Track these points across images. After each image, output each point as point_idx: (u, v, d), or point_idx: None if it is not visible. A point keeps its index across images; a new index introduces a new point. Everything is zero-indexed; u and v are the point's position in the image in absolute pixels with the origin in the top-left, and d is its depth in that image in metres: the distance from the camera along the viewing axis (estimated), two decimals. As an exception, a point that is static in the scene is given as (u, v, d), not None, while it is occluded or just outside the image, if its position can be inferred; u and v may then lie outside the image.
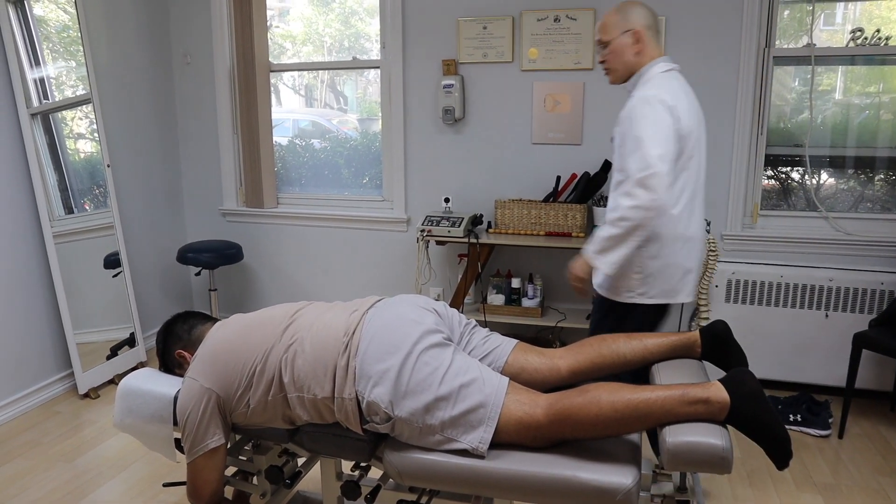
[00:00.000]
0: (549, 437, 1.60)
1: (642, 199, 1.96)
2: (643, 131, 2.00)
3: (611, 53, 2.18)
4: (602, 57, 2.22)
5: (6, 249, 3.02)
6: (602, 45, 2.19)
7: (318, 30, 4.04)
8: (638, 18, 2.14)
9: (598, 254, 2.09)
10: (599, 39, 2.20)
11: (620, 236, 2.03)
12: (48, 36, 3.25)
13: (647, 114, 2.02)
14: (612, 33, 2.16)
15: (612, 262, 2.07)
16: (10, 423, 3.03)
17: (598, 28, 2.20)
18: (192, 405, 1.75)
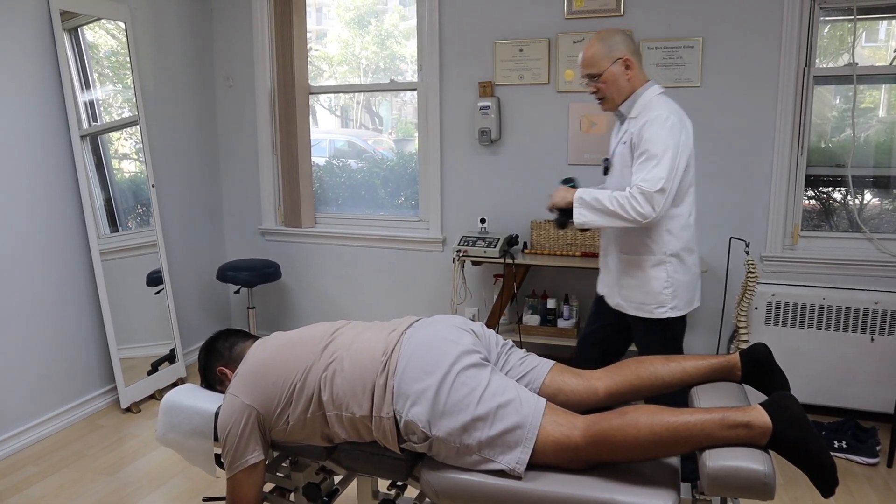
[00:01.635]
0: (587, 459, 1.59)
1: (644, 209, 2.14)
2: (658, 149, 2.15)
3: (604, 83, 2.27)
4: (594, 87, 2.30)
5: (56, 265, 3.13)
6: (592, 77, 2.28)
7: (355, 52, 4.12)
8: (622, 46, 2.26)
9: (584, 205, 2.24)
10: (589, 73, 2.28)
11: (611, 213, 2.19)
12: (98, 60, 3.38)
13: (661, 134, 2.16)
14: (602, 64, 2.25)
15: (586, 219, 2.25)
16: (57, 434, 3.12)
17: (584, 62, 2.28)
18: (232, 421, 1.79)
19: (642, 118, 2.22)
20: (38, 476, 2.74)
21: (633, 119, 2.27)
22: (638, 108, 2.28)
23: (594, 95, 2.34)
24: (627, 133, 2.27)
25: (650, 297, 2.32)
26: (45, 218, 3.07)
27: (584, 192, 2.26)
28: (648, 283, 2.32)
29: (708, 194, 3.28)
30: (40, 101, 3.03)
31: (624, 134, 2.30)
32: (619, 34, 2.28)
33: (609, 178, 2.43)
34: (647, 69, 3.24)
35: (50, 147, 3.09)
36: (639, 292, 2.33)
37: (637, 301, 2.34)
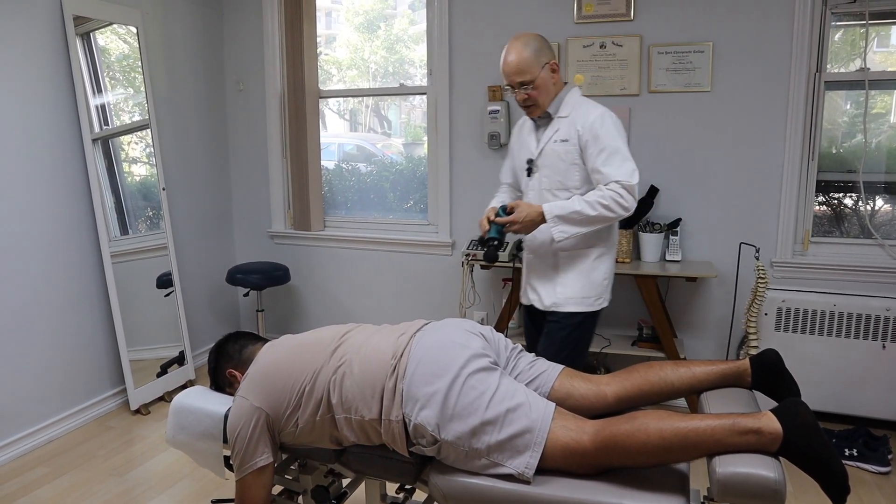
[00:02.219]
0: (596, 464, 1.59)
1: (628, 202, 2.20)
2: (618, 143, 2.23)
3: (536, 90, 2.27)
4: (525, 95, 2.28)
5: (67, 268, 3.15)
6: (524, 85, 2.26)
7: (364, 56, 4.14)
8: (548, 51, 2.29)
9: (559, 219, 2.23)
10: (521, 81, 2.26)
11: (589, 218, 2.22)
12: (109, 65, 3.40)
13: (612, 128, 2.25)
14: (533, 71, 2.25)
15: (564, 232, 2.24)
16: (67, 435, 3.13)
17: (513, 70, 2.26)
18: (242, 423, 1.79)
19: (581, 116, 2.28)
20: (49, 477, 2.76)
21: (565, 118, 2.31)
22: (567, 108, 2.33)
23: (523, 103, 2.33)
24: (563, 131, 2.31)
25: (592, 290, 2.38)
26: (56, 221, 3.09)
27: (554, 207, 2.25)
28: (592, 274, 2.37)
29: (717, 199, 3.27)
30: (53, 105, 3.06)
31: (556, 133, 2.33)
32: (539, 38, 2.30)
33: (536, 178, 2.40)
34: (656, 74, 3.26)
35: (62, 150, 3.11)
36: (581, 286, 2.37)
37: (578, 296, 2.37)
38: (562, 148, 2.31)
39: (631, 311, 3.47)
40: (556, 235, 2.25)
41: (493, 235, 2.32)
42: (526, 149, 2.45)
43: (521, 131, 2.54)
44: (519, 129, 2.56)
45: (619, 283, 3.45)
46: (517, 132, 2.57)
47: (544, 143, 2.37)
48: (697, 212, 3.31)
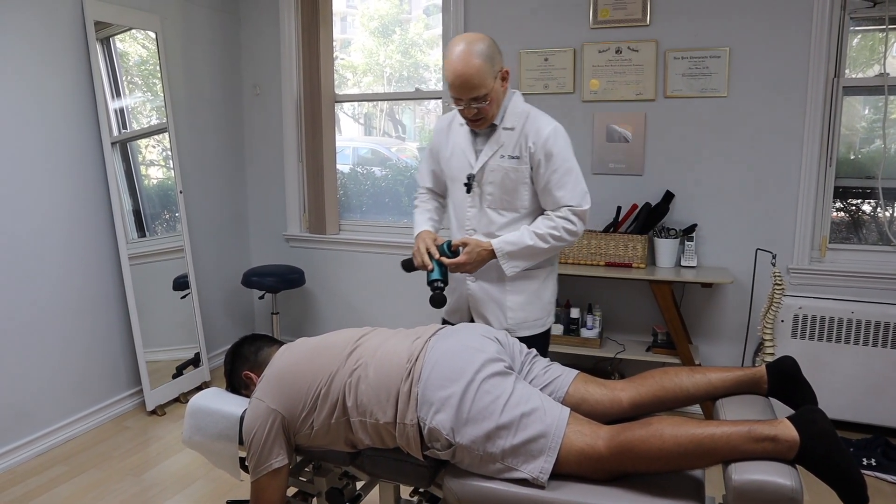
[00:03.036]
0: (611, 469, 1.58)
1: (579, 229, 2.10)
2: (572, 163, 2.11)
3: (490, 103, 2.02)
4: (475, 110, 2.02)
5: (86, 270, 3.19)
6: (477, 101, 2.00)
7: (379, 60, 4.16)
8: (499, 56, 2.03)
9: (509, 256, 2.10)
10: (475, 96, 1.98)
11: (542, 251, 2.10)
12: (128, 69, 3.45)
13: (566, 146, 2.11)
14: (487, 84, 1.97)
15: (517, 267, 2.12)
16: (84, 435, 3.17)
17: (466, 86, 1.96)
18: (257, 425, 1.80)
19: (532, 130, 2.08)
20: (67, 475, 2.79)
21: (511, 130, 2.10)
22: (513, 118, 2.10)
23: (471, 117, 2.06)
24: (511, 146, 2.09)
25: (541, 310, 2.26)
26: (76, 223, 3.14)
27: (504, 244, 2.09)
28: (542, 295, 2.25)
29: (734, 205, 3.25)
30: (74, 109, 3.11)
31: (501, 147, 2.10)
32: (489, 40, 2.01)
33: (476, 195, 2.17)
34: (672, 79, 3.25)
35: (82, 153, 3.16)
36: (532, 308, 2.22)
37: (531, 319, 2.23)
38: (511, 165, 2.09)
39: (645, 317, 3.46)
40: (507, 272, 2.12)
41: (437, 277, 2.08)
42: (461, 158, 2.18)
43: (449, 132, 2.24)
44: (446, 129, 2.25)
45: (633, 289, 3.46)
46: (444, 131, 2.26)
47: (487, 158, 2.12)
48: (713, 217, 3.29)
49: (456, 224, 2.28)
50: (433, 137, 2.34)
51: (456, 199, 2.25)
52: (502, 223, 2.16)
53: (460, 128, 2.20)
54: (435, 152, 2.32)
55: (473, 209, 2.19)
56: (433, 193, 2.41)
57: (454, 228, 2.29)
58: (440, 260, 2.10)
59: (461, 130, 2.20)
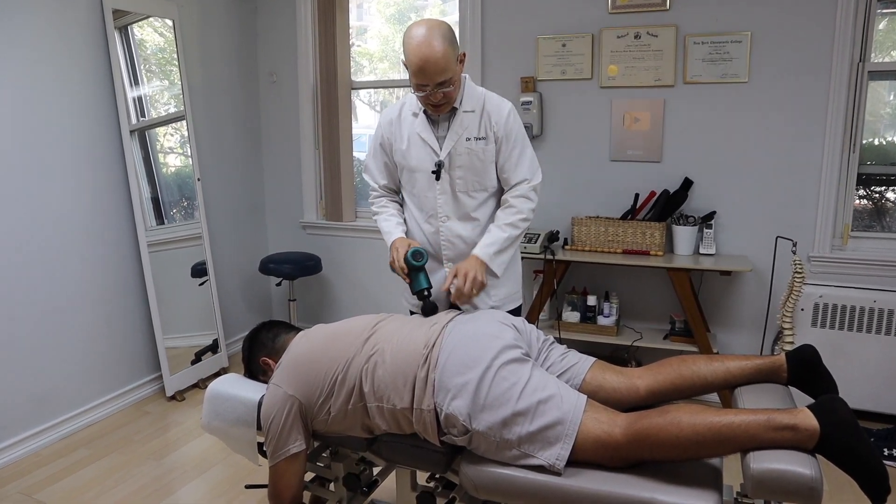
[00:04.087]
0: (627, 457, 1.58)
1: (536, 202, 2.16)
2: (525, 140, 2.17)
3: (453, 87, 2.01)
4: (441, 94, 2.00)
5: (106, 257, 3.23)
6: (442, 85, 1.97)
7: (395, 47, 4.14)
8: (456, 40, 2.00)
9: (495, 255, 2.10)
10: (441, 81, 1.95)
11: (517, 236, 2.15)
12: (146, 58, 3.46)
13: (520, 123, 2.16)
14: (452, 68, 1.96)
15: (504, 262, 2.14)
16: (107, 419, 3.22)
17: (436, 70, 1.92)
18: (275, 411, 1.82)
19: (494, 110, 2.10)
20: (90, 459, 2.84)
21: (470, 113, 2.10)
22: (471, 101, 2.11)
23: (436, 102, 2.03)
24: (474, 128, 2.10)
25: (517, 283, 2.34)
26: (96, 211, 3.17)
27: (487, 249, 2.07)
28: (515, 268, 2.32)
29: (753, 192, 3.21)
30: (93, 97, 3.13)
31: (465, 130, 2.10)
32: (447, 24, 1.98)
33: (446, 181, 2.14)
34: (692, 65, 3.20)
35: (101, 142, 3.18)
36: (510, 283, 2.29)
37: (510, 294, 2.30)
38: (478, 147, 2.10)
39: (663, 305, 3.44)
40: (498, 271, 2.11)
41: (424, 286, 2.07)
42: (422, 148, 2.15)
43: (400, 124, 2.19)
44: (396, 121, 2.21)
45: (651, 277, 3.43)
46: (393, 123, 2.21)
47: (454, 143, 2.11)
48: (733, 205, 3.25)
49: (421, 214, 2.23)
50: (378, 132, 2.27)
51: (419, 188, 2.20)
52: (474, 205, 2.18)
53: (413, 118, 2.17)
54: (386, 146, 2.25)
55: (444, 196, 2.16)
56: (388, 192, 2.35)
57: (419, 218, 2.24)
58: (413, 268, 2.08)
59: (415, 120, 2.16)
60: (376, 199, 2.35)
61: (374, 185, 2.35)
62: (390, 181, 2.32)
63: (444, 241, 2.21)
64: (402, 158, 2.21)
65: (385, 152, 2.27)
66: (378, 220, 2.32)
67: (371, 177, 2.35)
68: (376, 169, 2.32)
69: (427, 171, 2.15)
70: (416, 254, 2.08)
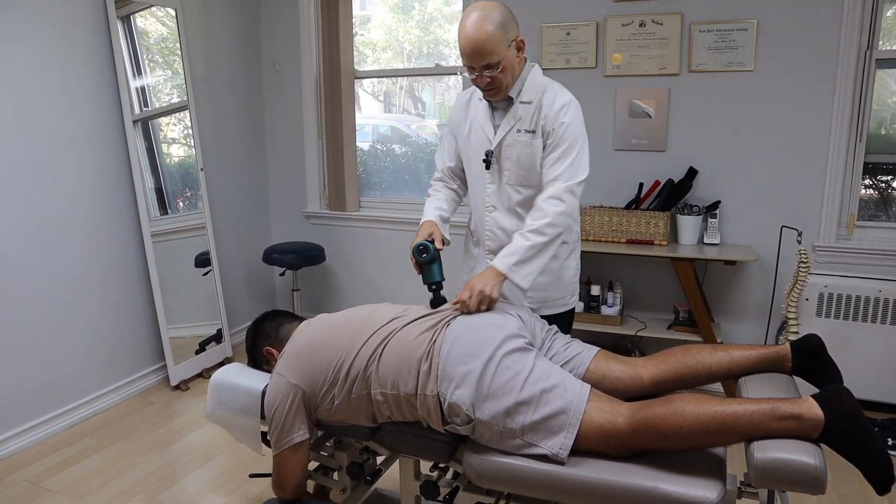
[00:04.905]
0: (631, 446, 1.58)
1: (570, 204, 1.98)
2: (578, 139, 2.01)
3: (502, 72, 1.94)
4: (488, 79, 1.95)
5: (110, 247, 3.23)
6: (488, 68, 1.93)
7: (398, 37, 4.12)
8: (514, 25, 1.96)
9: (516, 266, 1.93)
10: (486, 63, 1.91)
11: (545, 244, 1.96)
12: (149, 47, 3.45)
13: (577, 120, 2.03)
14: (499, 51, 1.90)
15: (530, 274, 1.95)
16: (112, 409, 3.24)
17: (478, 50, 1.89)
18: (279, 400, 1.82)
19: (547, 104, 2.02)
20: (95, 448, 2.86)
21: (528, 104, 2.04)
22: (531, 92, 2.05)
23: (484, 87, 2.00)
24: (528, 120, 2.04)
25: (564, 290, 2.22)
26: (99, 200, 3.17)
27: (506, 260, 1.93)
28: (563, 274, 2.20)
29: (759, 181, 3.19)
30: (96, 87, 3.12)
31: (518, 121, 2.05)
32: (504, 9, 1.94)
33: (495, 172, 2.12)
34: (697, 53, 3.18)
35: (104, 132, 3.18)
36: (554, 288, 2.19)
37: (552, 299, 2.20)
38: (527, 139, 2.05)
39: (666, 295, 3.43)
40: (524, 284, 1.95)
41: (436, 279, 2.02)
42: (480, 134, 2.13)
43: (468, 109, 2.19)
44: (465, 105, 2.20)
45: (655, 266, 3.42)
46: (462, 108, 2.21)
47: (505, 133, 2.07)
48: (737, 194, 3.24)
49: (475, 202, 2.24)
50: (452, 114, 2.27)
51: (474, 176, 2.20)
52: (520, 199, 2.12)
53: (479, 103, 2.14)
54: (452, 127, 2.26)
55: (493, 185, 2.14)
56: (450, 177, 2.32)
57: (472, 205, 2.26)
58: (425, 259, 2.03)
59: (480, 105, 2.14)
60: (434, 183, 2.34)
61: (439, 166, 2.33)
62: (457, 164, 2.29)
63: (488, 230, 2.20)
64: (464, 143, 2.20)
65: (454, 136, 2.27)
66: (425, 202, 2.29)
67: (440, 157, 2.34)
68: (445, 150, 2.31)
69: (479, 159, 2.14)
70: (419, 248, 2.03)
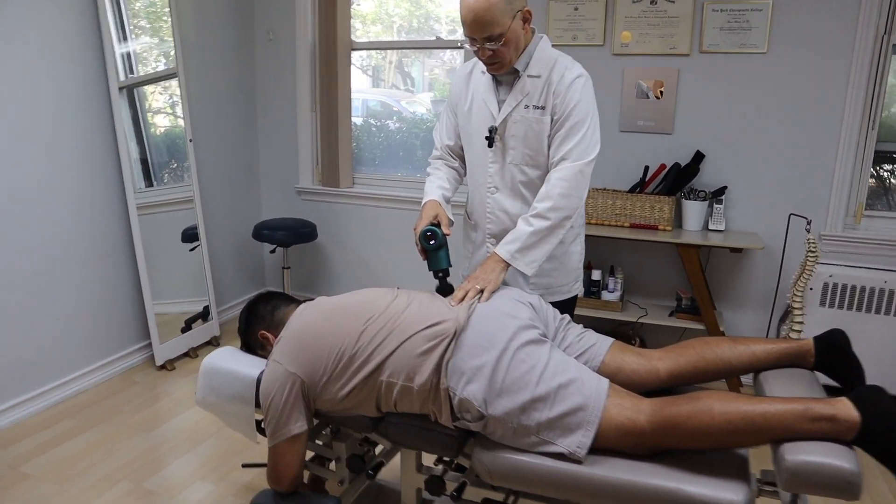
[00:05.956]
0: (651, 445, 1.50)
1: (579, 186, 1.88)
2: (588, 115, 1.90)
3: (505, 45, 1.82)
4: (490, 52, 1.83)
5: (94, 220, 3.08)
6: (491, 40, 1.80)
7: (388, 10, 3.97)
8: None
9: (519, 253, 1.85)
10: (488, 35, 1.78)
11: (549, 228, 1.86)
12: (136, 12, 3.27)
13: (587, 96, 1.91)
14: (503, 22, 1.77)
15: (535, 260, 1.87)
16: (94, 388, 3.10)
17: (480, 21, 1.76)
18: (275, 389, 1.72)
19: (556, 78, 1.89)
20: (77, 430, 2.73)
21: (536, 78, 1.91)
22: (539, 65, 1.92)
23: (487, 60, 1.87)
24: (535, 95, 1.91)
25: (568, 275, 2.12)
26: (83, 170, 3.01)
27: (508, 247, 1.86)
28: (568, 260, 2.09)
29: (766, 168, 3.11)
30: (80, 52, 2.94)
31: (526, 96, 1.92)
32: None
33: (499, 150, 1.99)
34: (709, 33, 3.07)
35: (89, 99, 3.01)
36: (557, 274, 2.08)
37: (556, 285, 2.09)
38: (535, 116, 1.92)
39: (669, 281, 3.36)
40: (529, 271, 1.87)
41: (443, 266, 1.91)
42: (482, 109, 2.00)
43: (468, 82, 2.05)
44: (466, 78, 2.07)
45: (658, 252, 3.34)
46: (463, 81, 2.07)
47: (511, 108, 1.95)
48: (744, 180, 3.15)
49: (475, 183, 2.10)
50: (451, 88, 2.13)
51: (475, 154, 2.06)
52: (525, 180, 1.99)
53: (482, 76, 2.01)
54: (454, 104, 2.12)
55: (495, 165, 2.01)
56: (449, 156, 2.19)
57: (473, 186, 2.12)
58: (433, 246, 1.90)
59: (482, 79, 2.00)
60: (433, 161, 2.21)
61: (437, 143, 2.20)
62: (456, 143, 2.17)
63: (490, 213, 2.06)
64: (464, 119, 2.07)
65: (453, 111, 2.13)
66: (426, 179, 2.16)
67: (438, 134, 2.20)
68: (444, 127, 2.18)
69: (481, 136, 2.00)
70: (426, 234, 1.90)
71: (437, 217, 1.97)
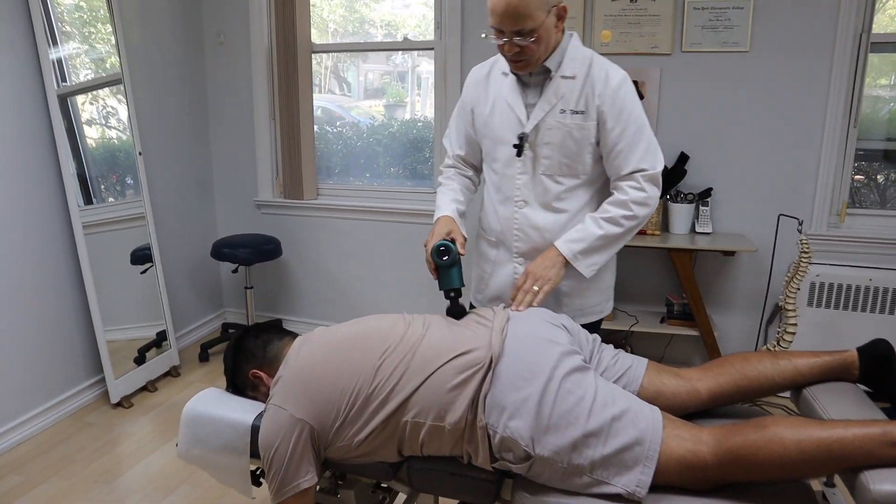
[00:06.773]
0: (717, 479, 1.35)
1: (651, 196, 1.75)
2: (643, 119, 1.76)
3: (537, 41, 1.65)
4: (518, 48, 1.66)
5: (35, 241, 2.75)
6: (521, 35, 1.63)
7: (323, 15, 3.78)
8: None
9: (582, 254, 1.74)
10: (518, 29, 1.61)
11: (618, 236, 1.76)
12: (70, 13, 2.94)
13: (636, 101, 1.76)
14: (537, 17, 1.61)
15: (595, 264, 1.77)
16: (41, 434, 2.76)
17: (510, 13, 1.59)
18: (280, 438, 1.49)
19: (599, 80, 1.73)
20: (23, 487, 2.39)
21: (570, 79, 1.74)
22: (574, 65, 1.75)
23: (512, 56, 1.69)
24: (573, 99, 1.74)
25: (602, 294, 1.96)
26: (19, 186, 2.68)
27: (571, 244, 1.74)
28: (603, 277, 1.92)
29: (751, 168, 3.07)
30: (11, 59, 2.62)
31: (561, 99, 1.75)
32: None
33: (528, 160, 1.81)
34: (691, 32, 3.00)
35: (24, 110, 2.69)
36: (589, 293, 1.91)
37: (589, 305, 1.93)
38: (574, 122, 1.74)
39: (657, 286, 3.27)
40: (587, 273, 1.76)
41: (456, 285, 1.72)
42: (507, 115, 1.82)
43: (488, 84, 1.88)
44: (484, 80, 1.89)
45: (645, 257, 3.25)
46: (480, 83, 1.90)
47: (544, 113, 1.76)
48: (729, 181, 3.10)
49: (499, 196, 1.89)
50: (465, 92, 1.94)
51: (499, 164, 1.86)
52: (560, 192, 1.81)
53: (503, 78, 1.83)
54: (468, 110, 1.93)
55: (525, 176, 1.81)
56: (463, 167, 2.02)
57: (495, 200, 1.90)
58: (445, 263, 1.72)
59: (505, 81, 1.82)
60: (445, 170, 2.02)
61: (449, 152, 2.02)
62: (469, 152, 1.99)
63: (518, 230, 1.87)
64: (484, 126, 1.87)
65: (466, 118, 1.94)
66: (437, 191, 1.98)
67: (449, 143, 2.02)
68: (455, 135, 2.00)
69: (508, 145, 1.81)
70: (439, 249, 1.72)
71: (451, 233, 1.78)
